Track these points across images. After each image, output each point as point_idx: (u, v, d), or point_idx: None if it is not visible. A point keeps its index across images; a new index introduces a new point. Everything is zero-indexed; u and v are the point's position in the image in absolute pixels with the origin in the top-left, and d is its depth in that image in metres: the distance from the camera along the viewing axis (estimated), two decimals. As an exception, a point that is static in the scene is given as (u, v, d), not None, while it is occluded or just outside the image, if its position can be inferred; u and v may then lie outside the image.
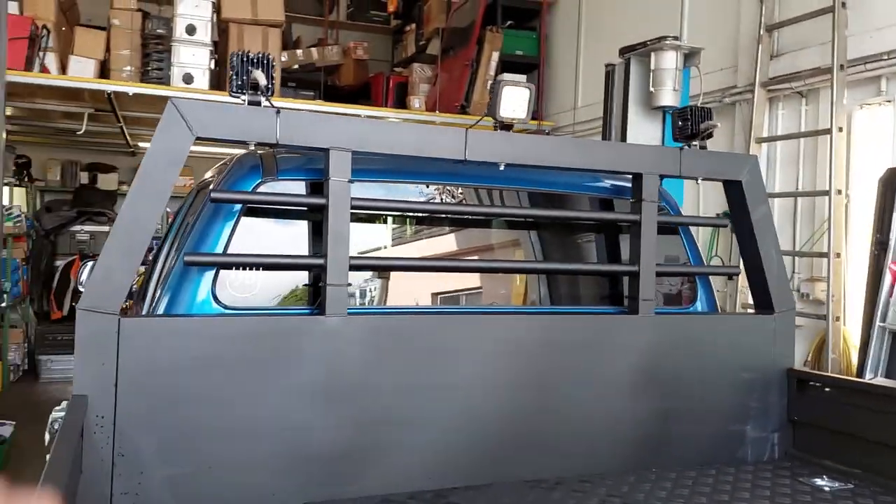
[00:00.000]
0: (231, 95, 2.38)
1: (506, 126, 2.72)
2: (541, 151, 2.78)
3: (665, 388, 2.89)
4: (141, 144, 9.71)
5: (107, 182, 10.37)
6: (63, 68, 6.64)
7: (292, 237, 2.68)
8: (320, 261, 2.41)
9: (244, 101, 2.35)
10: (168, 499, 2.19)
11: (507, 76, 7.79)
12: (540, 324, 2.81)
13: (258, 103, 2.35)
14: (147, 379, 2.19)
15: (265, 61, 2.37)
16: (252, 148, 2.45)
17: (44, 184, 10.34)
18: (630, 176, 2.94)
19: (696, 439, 2.93)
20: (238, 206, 2.51)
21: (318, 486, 2.37)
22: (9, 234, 7.73)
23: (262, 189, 2.57)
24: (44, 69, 6.40)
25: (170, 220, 4.31)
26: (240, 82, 2.34)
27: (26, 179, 9.61)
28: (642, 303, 2.86)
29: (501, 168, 2.68)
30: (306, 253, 2.65)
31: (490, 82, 8.18)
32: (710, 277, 3.34)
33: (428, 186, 2.95)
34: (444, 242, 3.19)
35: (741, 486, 2.64)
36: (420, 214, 3.00)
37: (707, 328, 3.06)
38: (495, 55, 8.11)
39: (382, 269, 2.85)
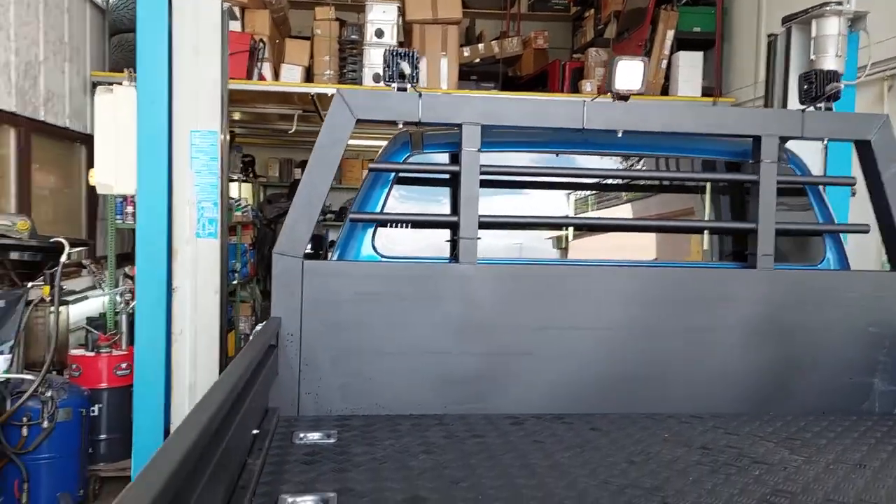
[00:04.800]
0: (385, 84, 2.93)
1: (622, 97, 3.03)
2: (656, 118, 3.05)
3: (784, 338, 3.04)
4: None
5: (316, 175, 11.67)
6: (276, 75, 7.73)
7: (436, 200, 3.21)
8: (455, 218, 2.90)
9: (394, 87, 2.90)
10: (338, 400, 2.79)
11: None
12: (651, 276, 3.08)
13: (405, 89, 2.88)
14: (323, 307, 2.81)
15: (410, 55, 2.90)
16: (402, 127, 2.99)
17: (265, 179, 11.89)
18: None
19: (817, 388, 3.05)
20: (392, 175, 3.07)
21: (455, 403, 2.86)
22: (239, 222, 9.07)
23: (410, 160, 3.11)
24: (261, 77, 7.50)
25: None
26: (391, 73, 2.89)
27: (252, 176, 11.13)
28: (761, 258, 3.04)
29: (619, 135, 3.00)
30: (447, 212, 3.15)
31: (665, 62, 8.23)
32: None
33: (558, 155, 3.33)
34: (584, 206, 3.53)
35: (866, 434, 2.69)
36: (543, 179, 3.37)
37: (830, 284, 3.15)
38: (670, 33, 8.14)
39: (506, 227, 3.24)
